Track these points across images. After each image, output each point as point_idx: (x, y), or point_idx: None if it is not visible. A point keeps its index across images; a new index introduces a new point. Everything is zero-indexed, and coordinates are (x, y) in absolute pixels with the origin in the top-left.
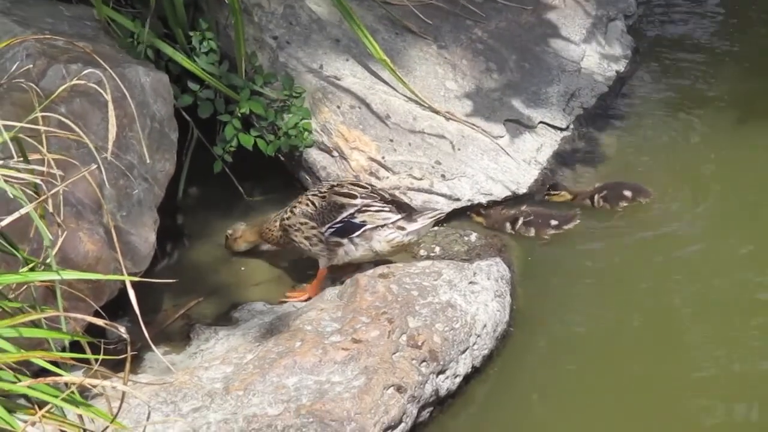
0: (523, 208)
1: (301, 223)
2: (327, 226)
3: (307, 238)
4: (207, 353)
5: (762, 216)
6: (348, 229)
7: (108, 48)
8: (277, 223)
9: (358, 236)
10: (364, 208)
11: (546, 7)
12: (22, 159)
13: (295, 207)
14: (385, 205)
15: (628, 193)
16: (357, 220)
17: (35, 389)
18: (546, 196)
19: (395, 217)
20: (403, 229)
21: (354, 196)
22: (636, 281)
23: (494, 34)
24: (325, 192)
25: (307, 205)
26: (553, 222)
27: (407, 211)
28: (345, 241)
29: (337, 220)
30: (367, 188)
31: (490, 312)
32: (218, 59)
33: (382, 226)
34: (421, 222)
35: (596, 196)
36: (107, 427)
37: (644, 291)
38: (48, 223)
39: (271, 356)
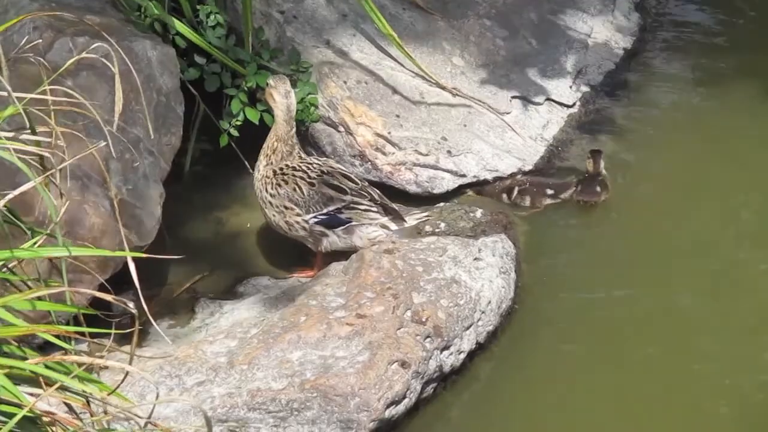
0: (519, 177)
1: (286, 207)
2: (312, 215)
3: (287, 223)
4: (212, 327)
5: None
6: (333, 222)
7: (115, 21)
8: (260, 168)
9: (342, 230)
10: (352, 205)
11: None
12: (30, 131)
13: (279, 186)
14: (373, 205)
15: (579, 187)
16: (343, 216)
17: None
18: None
19: (381, 219)
20: (386, 228)
21: (344, 191)
22: (643, 259)
23: (501, 11)
24: (314, 179)
25: (294, 190)
26: (549, 191)
27: (393, 214)
28: (329, 232)
29: (323, 211)
30: (358, 184)
31: (495, 288)
32: (225, 33)
33: (363, 225)
34: (407, 223)
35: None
36: (108, 396)
37: (651, 269)
38: (54, 195)
39: (276, 331)
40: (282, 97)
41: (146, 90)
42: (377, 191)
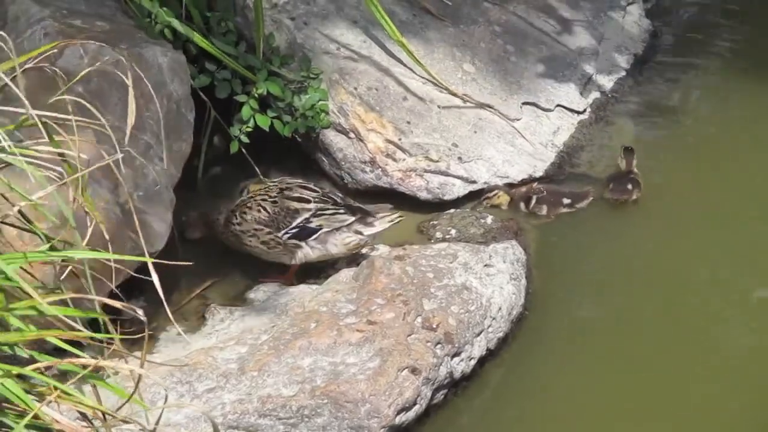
0: (535, 185)
1: (256, 230)
2: (283, 231)
3: (264, 242)
4: (222, 333)
5: None
6: (304, 234)
7: (125, 28)
8: (221, 218)
9: (314, 239)
10: (318, 212)
11: None
12: (44, 140)
13: (244, 213)
14: (339, 207)
15: (610, 186)
16: (313, 225)
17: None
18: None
19: (350, 219)
20: (360, 233)
21: (308, 201)
22: (653, 265)
23: (512, 17)
24: (275, 197)
25: (259, 211)
26: (566, 200)
27: (360, 213)
28: (302, 243)
29: (293, 225)
30: (318, 191)
31: (506, 295)
32: (236, 40)
33: (338, 229)
34: (379, 226)
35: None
36: (123, 405)
37: (661, 275)
38: (64, 201)
39: (286, 337)
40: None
41: (157, 97)
42: (339, 194)
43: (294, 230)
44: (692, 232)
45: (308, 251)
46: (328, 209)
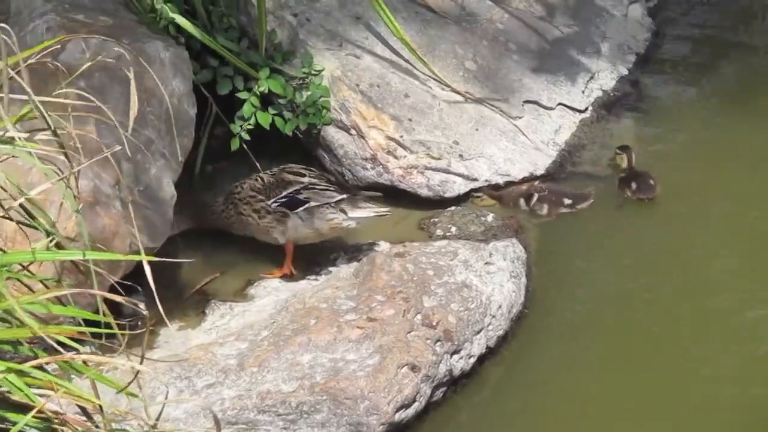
0: (537, 183)
1: (250, 197)
2: (273, 200)
3: (255, 210)
4: (222, 329)
5: None
6: (293, 203)
7: (128, 22)
8: (220, 199)
9: (303, 211)
10: (310, 186)
11: None
12: (45, 132)
13: (244, 183)
14: (330, 185)
15: (633, 185)
16: (301, 196)
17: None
18: (614, 155)
19: (339, 196)
20: (344, 212)
21: (303, 175)
22: (654, 263)
23: (515, 15)
24: (275, 171)
25: (256, 180)
26: (567, 201)
27: (352, 192)
28: (291, 214)
29: (282, 195)
30: (316, 171)
31: (506, 293)
32: (238, 36)
33: (325, 205)
34: (364, 212)
35: (618, 177)
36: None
37: (662, 273)
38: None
39: (286, 333)
40: None
41: (158, 92)
42: (334, 178)
43: (283, 199)
44: (695, 231)
45: (298, 222)
46: (320, 185)
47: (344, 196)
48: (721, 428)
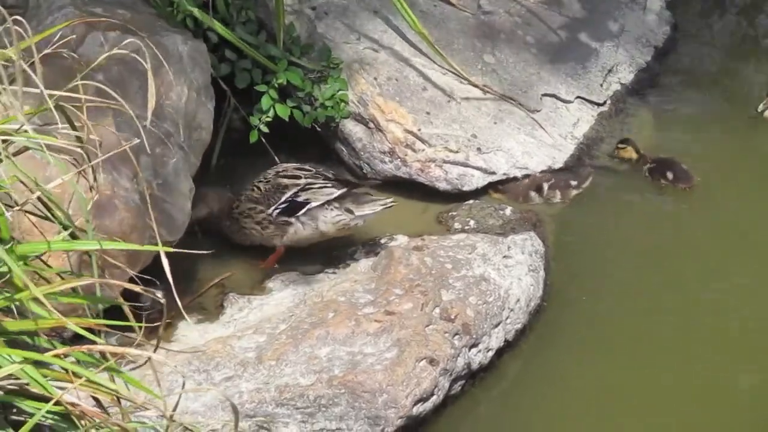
0: (538, 174)
1: (250, 209)
2: (273, 207)
3: (258, 222)
4: (240, 322)
5: None
6: (293, 208)
7: (147, 16)
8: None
9: (304, 215)
10: (307, 186)
11: None
12: (62, 126)
13: (241, 195)
14: (327, 182)
15: (669, 175)
16: (300, 199)
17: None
18: (615, 150)
19: (338, 191)
20: (351, 212)
21: (298, 177)
22: (673, 256)
23: (533, 8)
24: (270, 177)
25: (252, 191)
26: (573, 182)
27: (351, 185)
28: (293, 220)
29: (282, 200)
30: (311, 171)
31: (524, 286)
32: (256, 29)
33: (328, 205)
34: (370, 208)
35: (645, 167)
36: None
37: (682, 267)
38: (84, 189)
39: (304, 327)
40: None
41: (177, 85)
42: (332, 172)
43: (283, 205)
44: (714, 224)
45: (299, 227)
46: (317, 183)
47: (344, 190)
48: (742, 422)
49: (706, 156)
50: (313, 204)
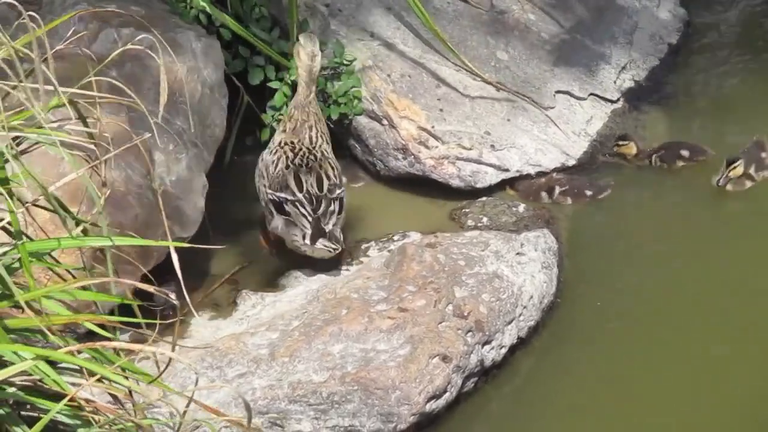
0: (555, 176)
1: (260, 174)
2: (271, 191)
3: (258, 189)
4: (253, 319)
5: None
6: (279, 208)
7: (160, 12)
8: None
9: (284, 219)
10: (297, 204)
11: None
12: (79, 121)
13: (271, 151)
14: (310, 215)
15: (685, 153)
16: (287, 208)
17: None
18: (615, 147)
19: (306, 230)
20: (303, 239)
21: (300, 190)
22: (687, 255)
23: (547, 5)
24: (291, 164)
25: (273, 162)
26: (588, 192)
27: (321, 235)
28: (276, 214)
29: (277, 194)
30: (313, 189)
31: (537, 283)
32: (270, 26)
33: (296, 226)
34: (314, 248)
35: (654, 156)
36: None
37: (695, 264)
38: (97, 185)
39: (317, 323)
40: (307, 58)
41: (190, 81)
42: (330, 195)
43: (275, 197)
44: (729, 222)
45: (278, 224)
46: (303, 209)
47: (310, 232)
48: (755, 417)
49: (723, 153)
50: (290, 219)
